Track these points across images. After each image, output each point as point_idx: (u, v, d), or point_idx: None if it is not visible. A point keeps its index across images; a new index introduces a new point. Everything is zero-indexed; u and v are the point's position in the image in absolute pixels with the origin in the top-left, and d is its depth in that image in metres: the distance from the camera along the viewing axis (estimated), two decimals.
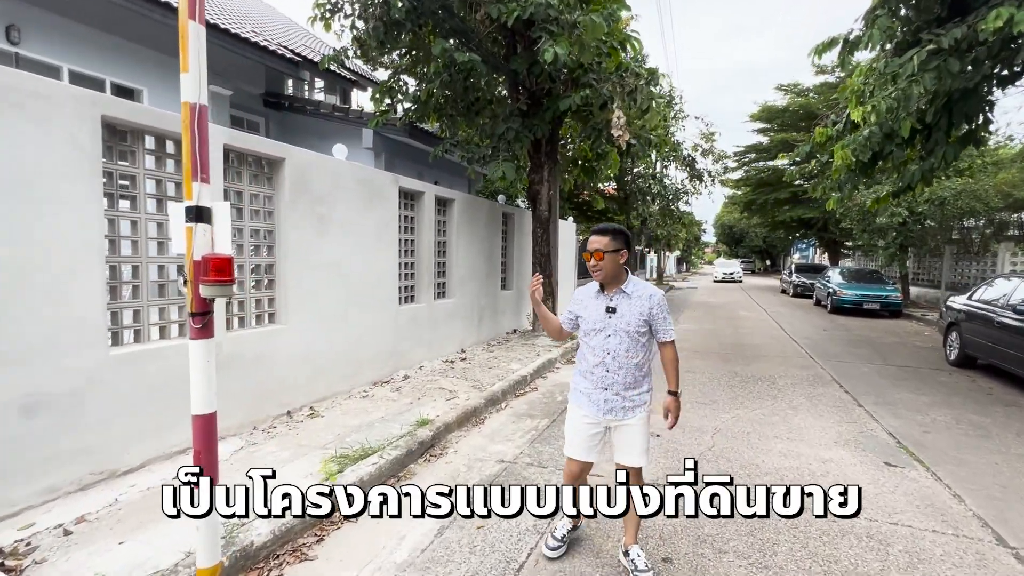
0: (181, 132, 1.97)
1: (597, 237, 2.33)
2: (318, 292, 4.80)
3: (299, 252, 4.56)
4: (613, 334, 2.32)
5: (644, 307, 2.31)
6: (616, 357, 2.32)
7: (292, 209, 4.48)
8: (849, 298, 13.72)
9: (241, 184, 4.13)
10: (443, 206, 7.17)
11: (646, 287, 2.40)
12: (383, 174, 5.75)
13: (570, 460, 2.46)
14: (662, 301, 2.37)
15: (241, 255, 4.17)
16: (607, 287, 2.38)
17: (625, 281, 2.36)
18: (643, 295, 2.34)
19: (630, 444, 2.36)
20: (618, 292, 2.35)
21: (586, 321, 2.40)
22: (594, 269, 2.33)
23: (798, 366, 7.14)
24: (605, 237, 2.32)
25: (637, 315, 2.30)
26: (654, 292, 2.37)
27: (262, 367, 4.22)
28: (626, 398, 2.34)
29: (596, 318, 2.36)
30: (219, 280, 1.96)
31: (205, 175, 1.97)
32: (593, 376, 2.37)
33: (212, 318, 2.05)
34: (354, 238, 5.26)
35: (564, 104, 6.57)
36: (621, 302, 2.33)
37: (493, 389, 5.40)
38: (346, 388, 5.21)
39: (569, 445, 2.45)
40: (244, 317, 4.20)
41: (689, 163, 16.67)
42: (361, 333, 5.41)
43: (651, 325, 2.34)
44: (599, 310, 2.36)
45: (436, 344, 6.86)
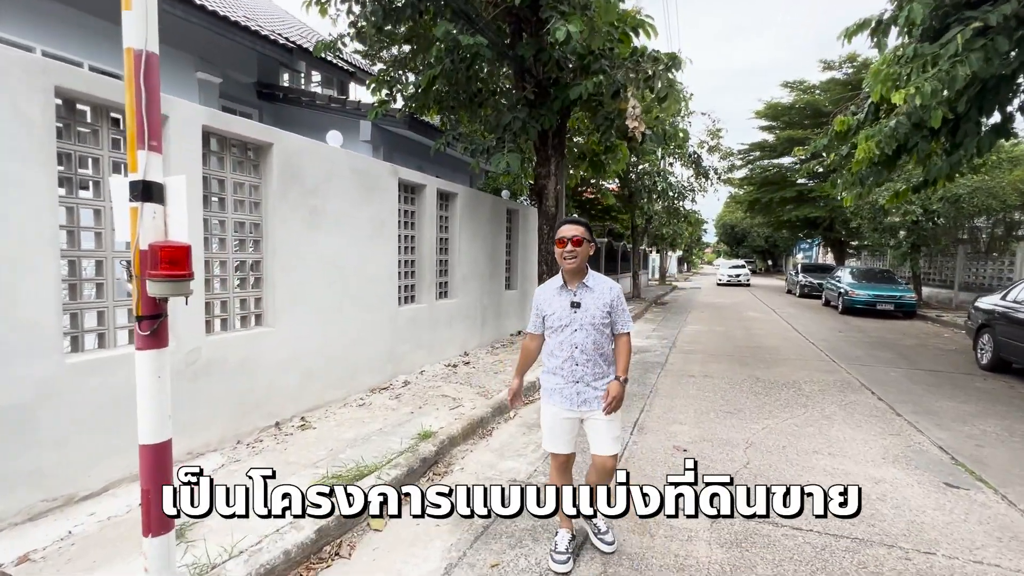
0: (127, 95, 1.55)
1: (572, 226, 2.39)
2: (310, 291, 4.39)
3: (289, 248, 4.15)
4: (579, 328, 2.37)
5: (606, 299, 2.40)
6: (584, 350, 2.37)
7: (281, 200, 4.07)
8: (861, 298, 13.33)
9: (223, 171, 3.72)
10: (445, 200, 6.77)
11: (605, 280, 2.48)
12: (381, 164, 5.34)
13: (554, 456, 2.48)
14: (620, 293, 2.46)
15: (223, 250, 3.76)
16: (570, 281, 2.43)
17: (586, 275, 2.43)
18: (604, 287, 2.43)
19: (604, 433, 2.40)
20: (580, 286, 2.41)
21: (552, 318, 2.44)
22: (569, 256, 2.36)
23: (821, 370, 6.74)
24: (580, 227, 2.39)
25: (600, 307, 2.38)
26: (613, 284, 2.47)
27: (247, 374, 3.81)
28: (597, 388, 2.39)
29: (561, 314, 2.41)
30: (172, 275, 1.55)
31: (155, 142, 1.55)
32: (563, 371, 2.41)
33: (165, 323, 1.64)
34: (350, 233, 4.85)
35: (575, 92, 6.16)
36: (584, 296, 2.40)
37: (500, 396, 4.99)
38: (341, 395, 4.80)
39: (550, 442, 2.48)
40: (227, 319, 3.79)
41: (695, 160, 16.23)
42: (357, 336, 5.00)
43: (611, 316, 2.40)
44: (563, 305, 2.41)
45: (438, 347, 6.45)
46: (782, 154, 24.78)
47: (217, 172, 3.67)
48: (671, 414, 4.83)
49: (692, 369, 6.81)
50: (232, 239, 3.80)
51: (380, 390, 5.20)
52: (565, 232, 2.38)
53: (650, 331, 10.52)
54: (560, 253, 2.38)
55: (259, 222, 4.02)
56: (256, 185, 3.99)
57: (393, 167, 5.49)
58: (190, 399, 3.39)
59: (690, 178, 17.48)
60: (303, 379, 4.34)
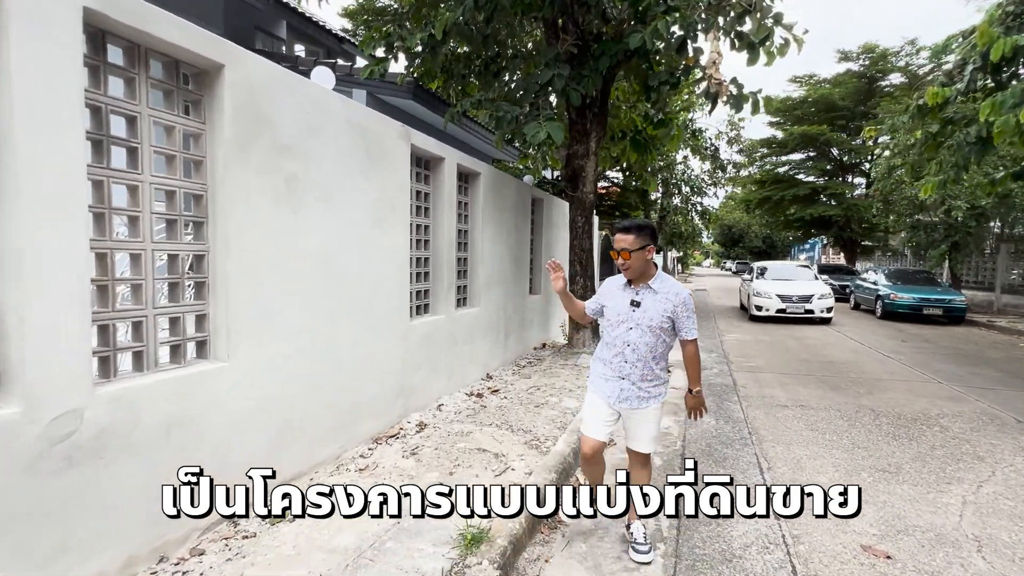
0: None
1: (621, 235, 2.34)
2: (287, 302, 2.88)
3: (253, 235, 2.64)
4: (635, 327, 2.36)
5: (669, 305, 2.34)
6: (636, 350, 2.36)
7: (240, 159, 2.56)
8: (905, 302, 12.13)
9: (135, 102, 2.20)
10: (465, 182, 5.28)
11: (673, 284, 2.40)
12: (389, 122, 3.84)
13: (584, 438, 2.50)
14: (688, 300, 2.37)
15: (136, 235, 2.23)
16: (634, 282, 2.40)
17: (653, 277, 2.38)
18: (670, 292, 2.36)
19: (641, 432, 2.44)
20: (645, 287, 2.38)
21: (610, 311, 2.45)
22: (623, 267, 2.36)
23: (940, 396, 5.40)
24: (629, 235, 2.32)
25: (661, 312, 2.33)
26: (681, 290, 2.38)
27: (181, 441, 2.29)
28: (642, 388, 2.39)
29: (620, 310, 2.41)
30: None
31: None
32: (612, 365, 2.43)
33: None
34: (346, 216, 3.35)
35: (634, 41, 4.73)
36: (647, 297, 2.37)
37: (558, 449, 3.52)
38: (334, 452, 3.29)
39: (585, 424, 2.51)
40: (143, 350, 2.26)
41: (713, 153, 14.96)
42: (357, 364, 3.50)
43: (674, 322, 2.36)
44: (624, 303, 2.41)
45: (457, 370, 4.96)
46: (793, 150, 23.75)
47: (122, 102, 2.15)
48: (804, 474, 3.42)
49: (775, 395, 5.42)
50: (152, 218, 2.28)
51: (388, 439, 3.70)
52: (616, 244, 2.35)
53: None
54: (617, 262, 2.37)
55: (202, 192, 2.50)
56: (198, 132, 2.48)
57: (404, 128, 3.99)
58: (61, 504, 1.87)
59: (706, 172, 16.19)
60: (277, 437, 2.83)
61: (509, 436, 3.82)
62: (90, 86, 2.03)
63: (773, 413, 4.76)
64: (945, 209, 12.72)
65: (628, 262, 2.31)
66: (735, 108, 4.86)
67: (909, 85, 19.98)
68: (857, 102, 20.95)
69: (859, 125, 21.78)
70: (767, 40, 4.41)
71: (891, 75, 20.80)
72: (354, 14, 14.14)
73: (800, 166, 23.98)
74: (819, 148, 22.80)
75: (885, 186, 14.72)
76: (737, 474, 3.43)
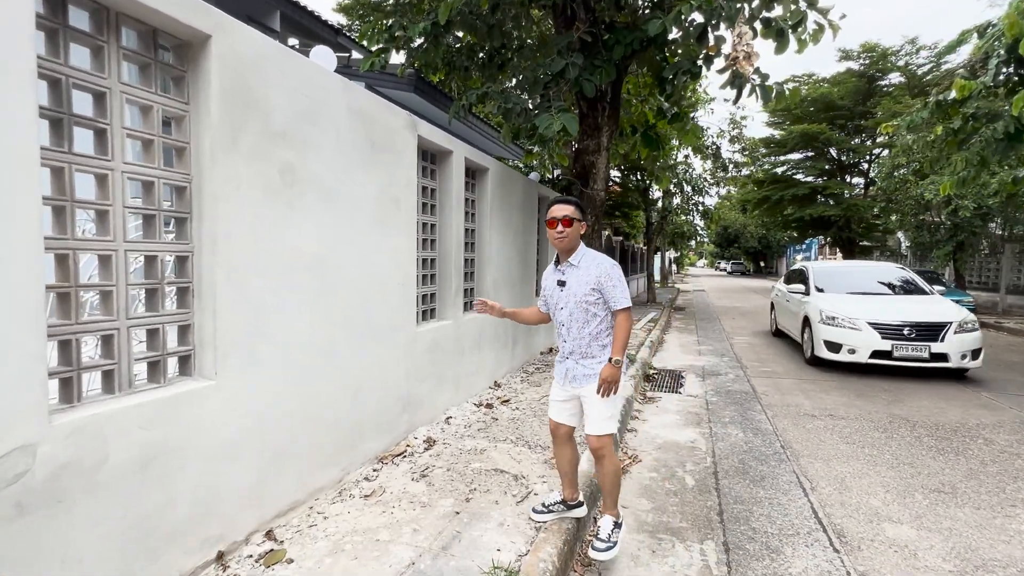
0: None
1: (563, 205, 2.38)
2: (281, 309, 2.54)
3: (243, 234, 2.30)
4: (565, 306, 2.40)
5: (590, 276, 2.34)
6: (570, 329, 2.40)
7: (228, 147, 2.22)
8: None
9: (103, 75, 1.86)
10: (472, 178, 4.96)
11: (595, 256, 2.40)
12: (395, 111, 3.51)
13: (551, 421, 2.54)
14: (612, 271, 2.35)
15: (105, 234, 1.89)
16: (561, 260, 2.43)
17: (575, 253, 2.40)
18: (591, 264, 2.36)
19: (591, 412, 2.38)
20: (567, 265, 2.41)
21: (548, 297, 2.52)
22: (560, 236, 2.35)
23: (975, 404, 5.13)
24: (571, 206, 2.37)
25: (584, 284, 2.34)
26: (603, 261, 2.37)
27: (159, 476, 1.95)
28: (585, 366, 2.39)
29: (552, 292, 2.47)
30: None
31: None
32: (560, 347, 2.48)
33: None
34: (347, 213, 3.02)
35: (653, 27, 4.42)
36: (570, 275, 2.39)
37: (581, 468, 3.20)
38: (334, 478, 2.96)
39: (550, 408, 2.55)
40: (114, 369, 1.92)
41: (715, 151, 14.71)
42: (359, 377, 3.17)
43: (602, 294, 2.34)
44: (553, 284, 2.46)
45: (465, 380, 4.64)
46: (791, 150, 23.62)
47: (88, 75, 1.81)
48: (853, 495, 3.12)
49: (800, 403, 5.14)
50: (126, 213, 1.94)
51: (394, 459, 3.37)
52: (556, 212, 2.37)
53: (695, 344, 8.87)
54: (551, 234, 2.37)
55: (186, 183, 2.16)
56: (180, 115, 2.14)
57: (411, 117, 3.67)
58: (7, 563, 1.53)
59: (707, 171, 15.95)
60: (270, 464, 2.49)
61: (527, 454, 3.50)
62: (47, 54, 1.69)
63: (802, 424, 4.47)
64: (951, 209, 12.55)
65: (568, 230, 2.33)
66: (763, 100, 4.57)
67: (908, 85, 19.88)
68: (856, 102, 20.83)
69: (858, 125, 21.69)
70: (799, 26, 4.13)
71: (891, 75, 20.70)
72: (349, 9, 13.76)
73: (799, 166, 23.86)
74: (818, 148, 22.68)
75: (889, 185, 14.56)
76: (779, 495, 3.13)
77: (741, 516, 2.88)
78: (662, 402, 5.19)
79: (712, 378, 6.28)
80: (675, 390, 5.70)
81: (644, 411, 4.87)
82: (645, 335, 9.20)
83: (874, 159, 21.80)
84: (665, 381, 6.09)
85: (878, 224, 20.54)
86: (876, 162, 20.86)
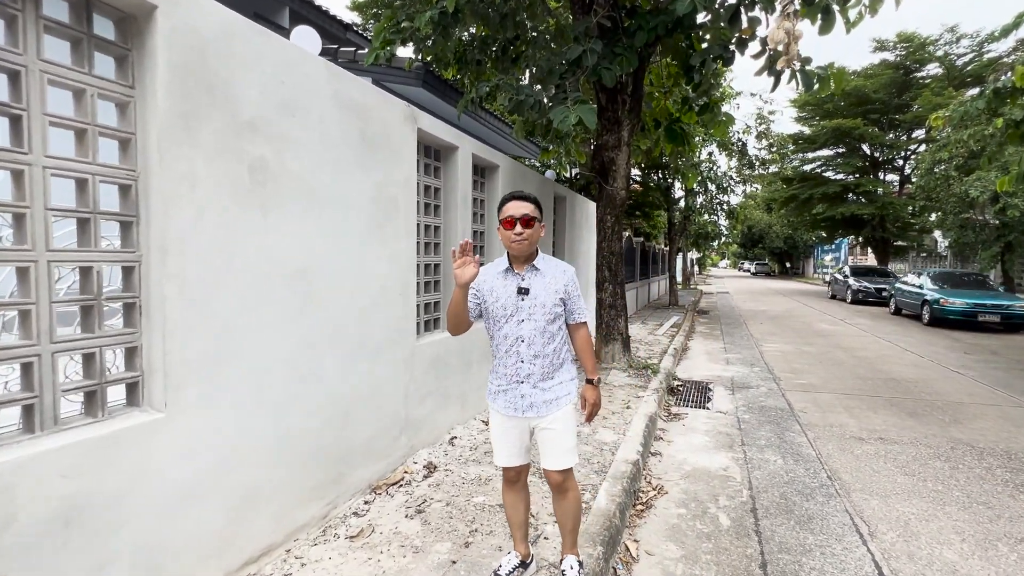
0: None
1: (521, 203, 1.97)
2: (253, 328, 2.21)
3: (202, 240, 1.97)
4: (527, 319, 1.99)
5: (559, 283, 2.03)
6: (531, 345, 1.99)
7: (182, 139, 1.89)
8: (957, 308, 11.16)
9: (16, 50, 1.54)
10: (481, 176, 4.60)
11: (556, 262, 2.11)
12: (390, 100, 3.16)
13: (504, 469, 2.12)
14: (575, 277, 2.10)
15: (23, 241, 1.58)
16: (516, 264, 2.04)
17: (536, 257, 2.05)
18: (556, 270, 2.06)
19: (555, 443, 2.02)
20: (530, 269, 2.03)
21: (494, 306, 2.01)
22: (519, 239, 1.95)
23: None
24: (530, 203, 1.98)
25: (552, 293, 2.00)
26: (566, 267, 2.10)
27: (86, 533, 1.63)
28: (546, 390, 2.02)
29: (506, 302, 2.00)
30: None
31: None
32: (507, 370, 2.02)
33: None
34: (335, 216, 2.68)
35: (682, 7, 4.00)
36: (534, 281, 2.01)
37: (600, 507, 2.80)
38: (319, 512, 2.62)
39: (498, 454, 2.10)
40: (36, 403, 1.60)
41: (740, 148, 14.07)
42: (348, 400, 2.82)
43: (565, 304, 2.05)
44: (509, 292, 2.00)
45: (473, 395, 4.27)
46: (821, 146, 22.71)
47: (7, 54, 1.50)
48: (923, 547, 2.65)
49: (844, 422, 4.63)
50: (49, 216, 1.62)
51: (389, 488, 3.01)
52: (513, 210, 1.95)
53: (722, 352, 8.35)
54: (507, 236, 1.96)
55: (131, 182, 1.84)
56: (124, 100, 1.82)
57: (409, 108, 3.32)
58: None
59: (733, 169, 15.30)
60: (240, 504, 2.16)
61: (537, 485, 3.10)
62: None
63: (850, 449, 3.98)
64: (999, 207, 11.71)
65: (528, 232, 1.94)
66: (804, 86, 4.10)
67: (948, 76, 18.87)
68: (891, 95, 19.88)
69: (893, 119, 20.70)
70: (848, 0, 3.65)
71: (928, 65, 19.69)
72: (363, 7, 13.58)
73: (829, 163, 22.93)
74: (850, 144, 21.73)
75: (929, 182, 13.73)
76: (831, 542, 2.68)
77: (789, 571, 2.44)
78: (688, 420, 4.74)
79: (743, 391, 5.79)
80: (702, 405, 5.25)
81: (669, 430, 4.44)
82: (668, 341, 8.72)
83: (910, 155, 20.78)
84: (691, 394, 5.63)
85: (914, 223, 19.53)
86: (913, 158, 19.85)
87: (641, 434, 3.89)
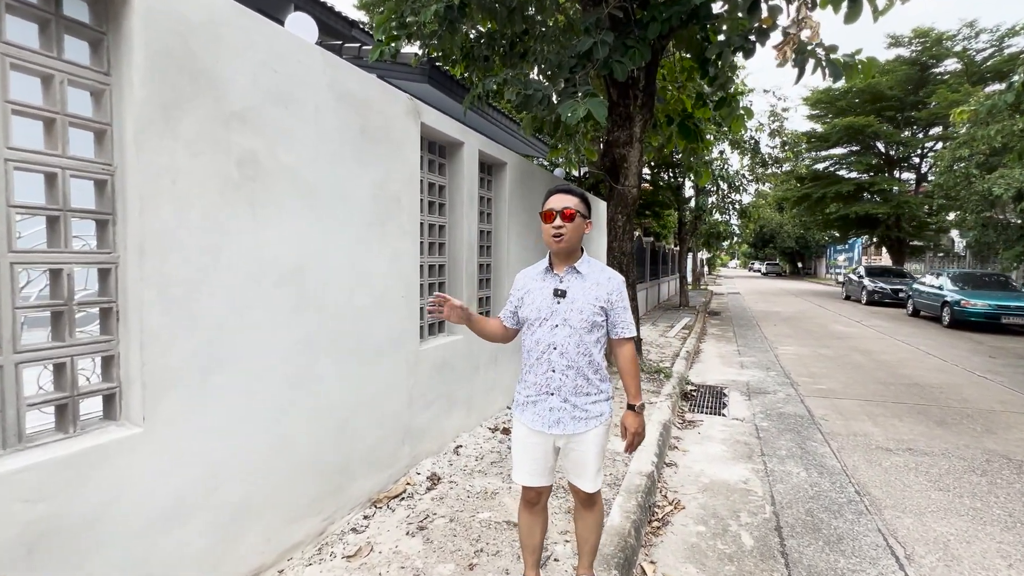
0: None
1: (565, 196, 1.85)
2: (242, 334, 2.06)
3: (185, 240, 1.83)
4: (562, 324, 1.83)
5: (601, 291, 1.85)
6: (564, 354, 1.82)
7: (162, 131, 1.74)
8: (979, 310, 10.82)
9: None
10: (488, 174, 4.43)
11: (603, 268, 1.94)
12: (392, 93, 3.01)
13: (524, 488, 1.94)
14: (622, 286, 1.91)
15: None
16: (557, 264, 1.91)
17: (578, 259, 1.89)
18: (599, 276, 1.88)
19: (582, 464, 1.87)
20: (569, 271, 1.88)
21: (529, 308, 1.89)
22: (557, 233, 1.82)
23: None
24: (574, 197, 1.86)
25: (592, 300, 1.83)
26: (613, 274, 1.92)
27: (52, 562, 1.48)
28: (577, 407, 1.84)
29: (541, 304, 1.87)
30: None
31: None
32: (536, 379, 1.87)
33: None
34: (332, 215, 2.53)
35: None
36: (573, 283, 1.86)
37: (614, 524, 2.63)
38: (314, 530, 2.46)
39: (517, 470, 1.92)
40: None
41: (753, 146, 13.78)
42: (347, 408, 2.67)
43: (608, 315, 1.87)
44: (545, 294, 1.87)
45: (479, 401, 4.11)
46: (835, 144, 22.29)
47: None
48: (965, 573, 2.44)
49: (869, 431, 4.41)
50: (10, 214, 1.48)
51: (390, 501, 2.86)
52: (554, 203, 1.83)
53: (735, 354, 8.12)
54: (546, 230, 1.85)
55: (106, 177, 1.70)
56: (99, 88, 1.67)
57: (412, 101, 3.16)
58: None
59: (745, 167, 15.01)
60: (228, 522, 2.01)
61: None
62: None
63: (878, 461, 3.76)
64: (1021, 208, 11.35)
65: (568, 227, 1.80)
66: (832, 76, 3.89)
67: (966, 72, 18.42)
68: (907, 91, 19.45)
69: (909, 116, 20.26)
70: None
71: (945, 61, 19.23)
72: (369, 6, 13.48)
73: (842, 161, 22.50)
74: (864, 142, 21.31)
75: (948, 180, 13.36)
76: (865, 566, 2.48)
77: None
78: (704, 427, 4.54)
79: (759, 397, 5.58)
80: (718, 411, 5.04)
81: (684, 438, 4.25)
82: (680, 344, 8.50)
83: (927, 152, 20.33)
84: (706, 400, 5.42)
85: (931, 223, 19.10)
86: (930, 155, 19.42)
87: (655, 443, 3.71)
